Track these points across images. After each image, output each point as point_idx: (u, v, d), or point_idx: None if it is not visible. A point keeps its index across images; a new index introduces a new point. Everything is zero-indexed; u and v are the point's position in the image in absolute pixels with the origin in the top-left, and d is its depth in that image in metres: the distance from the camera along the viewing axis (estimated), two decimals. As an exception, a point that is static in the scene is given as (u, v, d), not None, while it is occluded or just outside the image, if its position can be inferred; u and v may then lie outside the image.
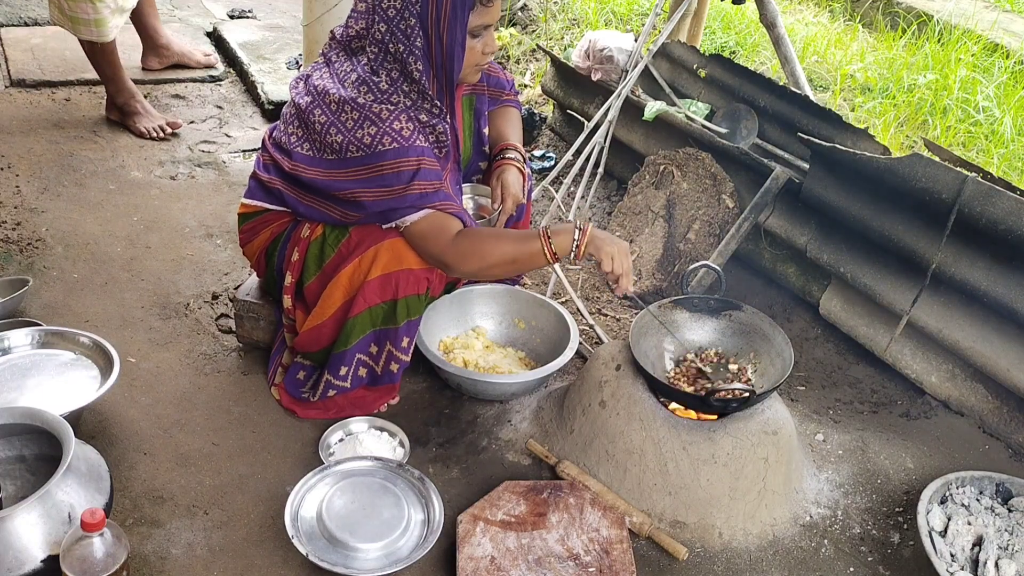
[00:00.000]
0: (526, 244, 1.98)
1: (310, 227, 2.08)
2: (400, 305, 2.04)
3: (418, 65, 1.88)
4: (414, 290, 2.04)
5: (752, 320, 2.14)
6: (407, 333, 2.10)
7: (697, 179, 2.83)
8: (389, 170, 1.89)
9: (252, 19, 4.85)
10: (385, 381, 2.16)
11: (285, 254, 2.13)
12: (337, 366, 2.10)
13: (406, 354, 2.13)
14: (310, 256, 2.08)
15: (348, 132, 1.89)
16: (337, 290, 2.05)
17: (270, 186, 2.08)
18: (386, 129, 1.88)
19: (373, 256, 2.00)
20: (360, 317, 2.05)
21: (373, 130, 1.87)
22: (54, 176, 3.18)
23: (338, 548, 1.76)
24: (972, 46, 4.16)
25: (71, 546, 1.53)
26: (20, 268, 2.64)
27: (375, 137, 1.87)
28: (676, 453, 1.93)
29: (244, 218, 2.19)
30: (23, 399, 2.00)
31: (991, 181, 2.18)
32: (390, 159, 1.88)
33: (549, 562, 1.78)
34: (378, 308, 2.05)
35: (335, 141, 1.91)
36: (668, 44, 3.21)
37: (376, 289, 2.02)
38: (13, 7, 4.53)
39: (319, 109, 1.94)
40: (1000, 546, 1.86)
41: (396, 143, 1.88)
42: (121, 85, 3.51)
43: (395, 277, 2.01)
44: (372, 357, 2.12)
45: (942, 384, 2.37)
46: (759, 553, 1.92)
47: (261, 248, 2.19)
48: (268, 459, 2.06)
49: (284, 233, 2.13)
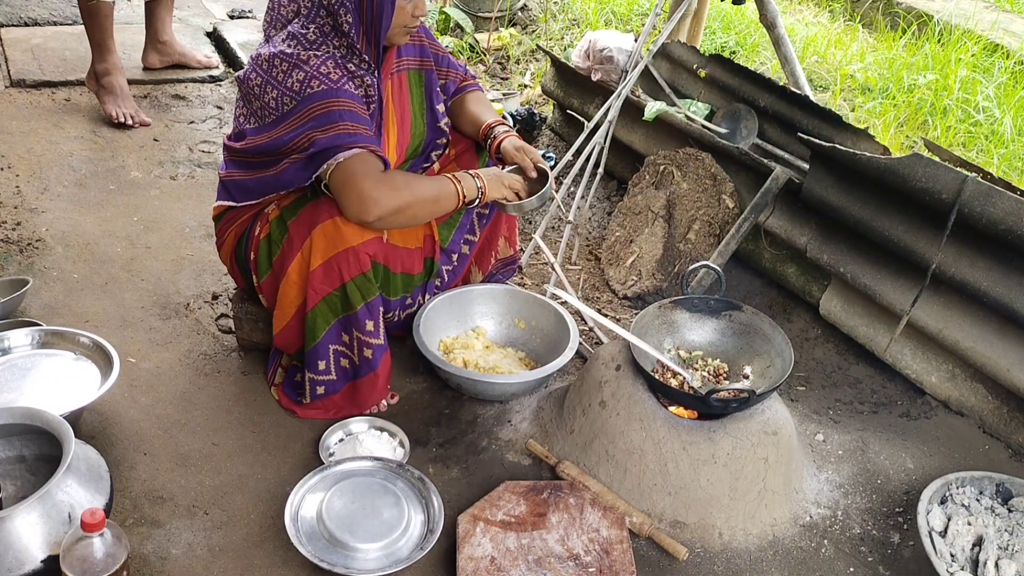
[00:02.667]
0: (443, 185, 2.09)
1: (260, 225, 2.10)
2: (350, 289, 2.03)
3: (348, 17, 1.93)
4: (358, 270, 2.02)
5: (752, 320, 2.14)
6: (368, 316, 2.08)
7: (697, 179, 2.83)
8: (320, 110, 1.93)
9: (252, 19, 4.85)
10: (366, 370, 2.14)
11: (247, 255, 2.15)
12: (314, 362, 2.11)
13: (375, 337, 2.11)
14: (261, 255, 2.11)
15: (279, 84, 1.94)
16: (290, 288, 2.06)
17: (229, 180, 2.12)
18: (313, 72, 1.93)
19: (310, 245, 2.01)
20: (318, 309, 2.05)
21: (301, 75, 1.93)
22: (54, 176, 3.18)
23: (338, 548, 1.76)
24: (972, 46, 4.16)
25: (71, 546, 1.53)
26: (20, 268, 2.64)
27: (303, 82, 1.92)
28: (676, 453, 1.93)
29: (216, 221, 2.23)
30: (23, 399, 1.99)
31: (991, 181, 2.18)
32: (318, 100, 1.92)
33: (549, 562, 1.78)
34: (332, 296, 2.04)
35: (271, 98, 1.96)
36: (668, 44, 3.21)
37: (321, 277, 2.02)
38: (13, 7, 4.53)
39: (253, 72, 2.00)
40: (1000, 546, 1.86)
41: (324, 84, 1.93)
42: (106, 54, 3.50)
43: (335, 261, 2.00)
44: (347, 347, 2.12)
45: (942, 384, 2.37)
46: (759, 553, 1.92)
47: (230, 252, 2.21)
48: (268, 459, 2.06)
49: (245, 233, 2.16)
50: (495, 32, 4.56)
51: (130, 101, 3.62)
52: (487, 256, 2.52)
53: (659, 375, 2.05)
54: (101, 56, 3.50)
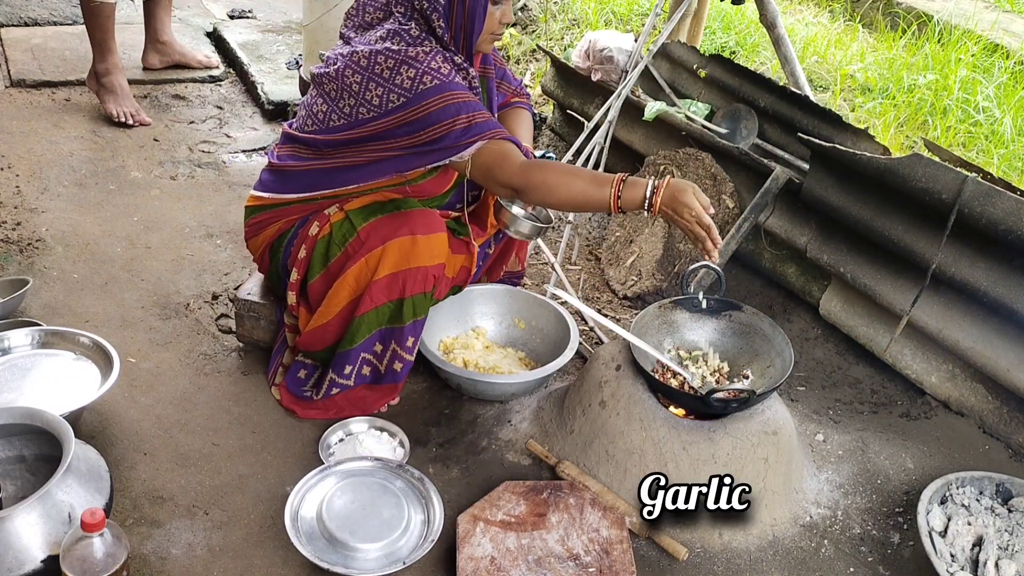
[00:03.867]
0: (598, 188, 1.88)
1: (319, 225, 2.08)
2: (407, 304, 2.05)
3: (440, 23, 1.93)
4: (420, 288, 2.04)
5: (752, 320, 2.14)
6: (412, 333, 2.10)
7: (697, 179, 2.83)
8: (435, 106, 1.90)
9: (252, 19, 4.85)
10: (388, 381, 2.16)
11: (292, 250, 2.13)
12: (342, 365, 2.11)
13: (410, 354, 2.13)
14: (316, 254, 2.09)
15: (386, 81, 1.91)
16: (343, 289, 2.05)
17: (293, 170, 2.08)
18: (425, 68, 1.90)
19: (380, 255, 2.00)
20: (367, 316, 2.05)
21: (412, 72, 1.89)
22: (54, 176, 3.18)
23: (338, 548, 1.76)
24: (972, 46, 4.15)
25: (71, 546, 1.53)
26: (20, 268, 2.64)
27: (415, 79, 1.89)
28: (676, 453, 1.93)
29: (252, 211, 2.19)
30: (23, 399, 1.99)
31: (991, 181, 2.18)
32: (433, 96, 1.89)
33: (549, 562, 1.78)
34: (385, 307, 2.05)
35: (374, 96, 1.92)
36: (668, 44, 3.21)
37: (383, 288, 2.02)
38: (13, 7, 4.53)
39: (350, 70, 1.95)
40: (1000, 546, 1.86)
41: (437, 79, 1.89)
42: (107, 54, 3.51)
43: (403, 276, 2.01)
44: (376, 356, 2.13)
45: (942, 384, 2.37)
46: (759, 553, 1.92)
47: (267, 242, 2.19)
48: (268, 459, 2.06)
49: (292, 229, 2.14)
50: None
51: (131, 100, 3.62)
52: (498, 269, 2.55)
53: (659, 375, 2.05)
54: (102, 56, 3.50)
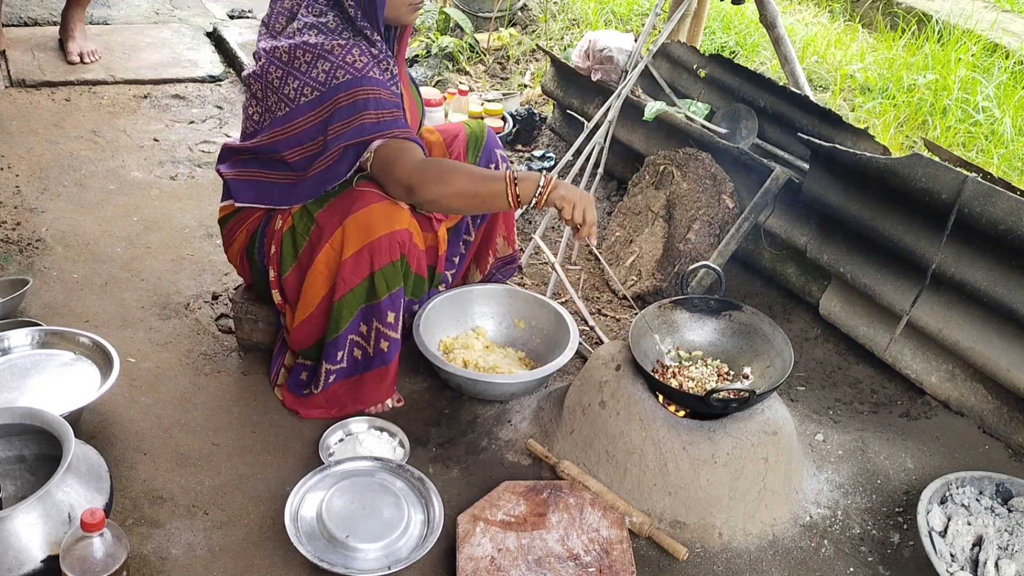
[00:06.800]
0: (490, 183, 1.98)
1: (281, 218, 2.09)
2: (377, 278, 2.03)
3: (350, 1, 1.93)
4: (388, 258, 2.02)
5: (752, 320, 2.14)
6: (390, 307, 2.08)
7: (697, 179, 2.83)
8: (344, 102, 1.91)
9: (252, 19, 4.85)
10: (378, 363, 2.14)
11: (264, 250, 2.14)
12: (332, 352, 2.10)
13: (394, 330, 2.11)
14: (285, 248, 2.09)
15: (303, 75, 1.92)
16: (317, 279, 2.05)
17: (242, 180, 2.10)
18: (339, 63, 1.91)
19: (342, 236, 2.00)
20: (345, 299, 2.04)
21: (326, 66, 1.91)
22: (54, 176, 3.18)
23: (338, 548, 1.76)
24: (972, 46, 4.16)
25: (71, 546, 1.53)
26: (20, 268, 2.64)
27: (329, 72, 1.90)
28: (676, 453, 1.93)
29: (223, 222, 2.22)
30: (23, 399, 1.99)
31: (991, 181, 2.18)
32: (343, 91, 1.91)
33: (549, 562, 1.78)
34: (359, 287, 2.04)
35: (291, 90, 1.93)
36: (668, 44, 3.21)
37: (351, 267, 2.01)
38: (13, 7, 4.53)
39: (272, 66, 1.97)
40: (1000, 546, 1.86)
41: (349, 75, 1.90)
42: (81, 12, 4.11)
43: (368, 249, 2.00)
44: (363, 337, 2.12)
45: (942, 384, 2.37)
46: (759, 553, 1.92)
47: (241, 249, 2.20)
48: (268, 459, 2.06)
49: (259, 228, 2.15)
50: (495, 32, 4.56)
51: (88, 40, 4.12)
52: (485, 255, 2.52)
53: (659, 375, 2.05)
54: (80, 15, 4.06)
